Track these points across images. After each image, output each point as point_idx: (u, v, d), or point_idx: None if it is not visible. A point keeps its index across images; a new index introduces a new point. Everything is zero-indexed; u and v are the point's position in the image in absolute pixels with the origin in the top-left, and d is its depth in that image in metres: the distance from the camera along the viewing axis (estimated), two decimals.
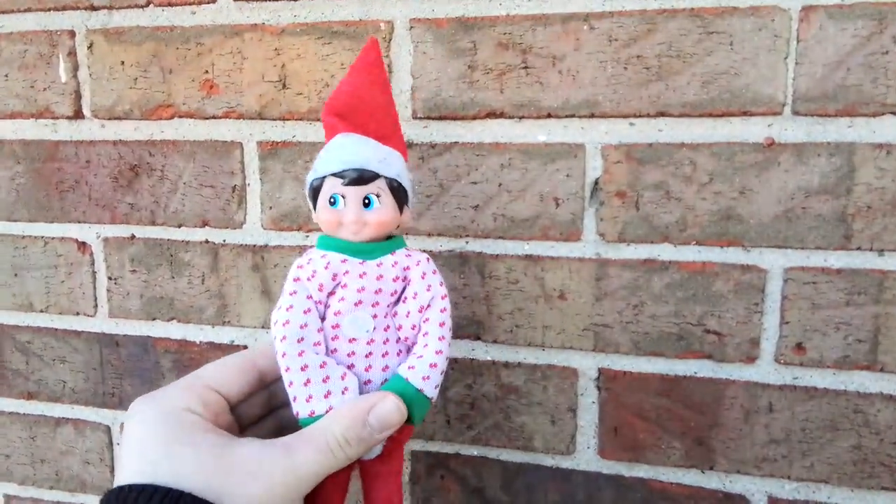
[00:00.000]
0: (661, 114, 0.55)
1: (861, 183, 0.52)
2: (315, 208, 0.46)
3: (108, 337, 0.71)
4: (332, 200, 0.44)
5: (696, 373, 0.57)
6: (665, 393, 0.58)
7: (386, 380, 0.44)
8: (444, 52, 0.58)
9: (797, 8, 0.52)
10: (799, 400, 0.56)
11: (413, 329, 0.45)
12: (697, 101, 0.54)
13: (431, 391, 0.43)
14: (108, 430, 0.73)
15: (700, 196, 0.55)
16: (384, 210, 0.44)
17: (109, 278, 0.70)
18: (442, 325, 0.45)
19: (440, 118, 0.59)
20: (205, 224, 0.66)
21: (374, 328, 0.44)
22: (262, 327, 0.66)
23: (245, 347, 0.67)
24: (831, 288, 0.54)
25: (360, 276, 0.44)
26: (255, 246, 0.65)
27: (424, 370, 0.43)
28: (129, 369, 0.71)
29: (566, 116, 0.57)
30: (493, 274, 0.60)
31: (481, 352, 0.61)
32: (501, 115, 0.58)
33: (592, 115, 0.56)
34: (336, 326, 0.43)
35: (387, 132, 0.47)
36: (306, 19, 0.61)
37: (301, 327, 0.42)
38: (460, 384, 0.62)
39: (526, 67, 0.57)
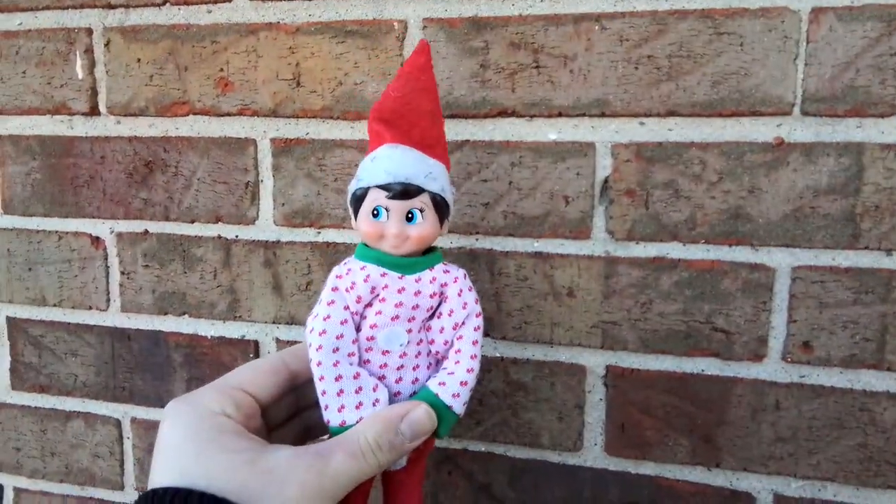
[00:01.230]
0: (672, 113, 0.55)
1: (869, 183, 0.53)
2: (356, 217, 0.45)
3: (120, 331, 0.72)
4: (375, 212, 0.44)
5: (703, 370, 0.58)
6: (672, 390, 0.59)
7: (415, 392, 0.45)
8: (457, 51, 0.59)
9: (807, 9, 0.52)
10: (806, 398, 0.56)
11: (445, 345, 0.46)
12: (707, 101, 0.55)
13: (460, 408, 0.44)
14: (118, 423, 0.73)
15: (709, 195, 0.56)
16: (426, 225, 0.44)
17: (122, 273, 0.70)
18: (475, 343, 0.45)
19: (452, 116, 0.59)
20: (218, 220, 0.67)
21: (408, 342, 0.44)
22: (273, 322, 0.67)
23: (256, 343, 0.68)
24: (839, 287, 0.54)
25: (399, 292, 0.44)
26: (267, 242, 0.66)
27: (455, 387, 0.44)
28: (141, 363, 0.71)
29: (577, 115, 0.57)
30: (503, 271, 0.60)
31: (490, 348, 0.62)
32: (513, 114, 0.58)
33: (603, 115, 0.57)
34: (371, 339, 0.44)
35: (432, 140, 0.46)
36: (320, 18, 0.62)
37: (337, 338, 0.43)
38: None
39: (537, 67, 0.57)
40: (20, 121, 0.71)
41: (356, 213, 0.45)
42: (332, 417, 0.42)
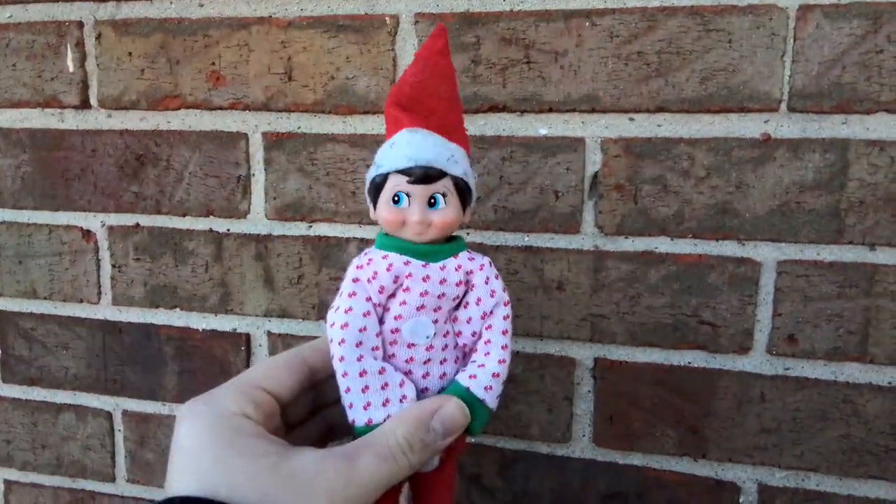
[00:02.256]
0: (661, 109, 0.56)
1: (854, 179, 0.54)
2: (375, 205, 0.44)
3: (112, 324, 0.72)
4: (395, 198, 0.42)
5: (690, 363, 0.59)
6: (660, 382, 0.59)
7: (443, 387, 0.42)
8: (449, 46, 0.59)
9: (794, 7, 0.53)
10: (790, 390, 0.57)
11: (473, 336, 0.43)
12: (696, 98, 0.55)
13: (493, 402, 0.42)
14: (109, 416, 0.73)
15: (697, 190, 0.56)
16: (449, 210, 0.42)
17: (113, 266, 0.71)
18: (504, 332, 0.43)
19: None
20: (209, 213, 0.67)
21: (434, 334, 0.42)
22: (265, 316, 0.67)
23: (247, 336, 0.68)
24: (823, 281, 0.55)
25: (424, 280, 0.42)
26: (258, 236, 0.66)
27: (486, 380, 0.42)
28: (132, 356, 0.72)
29: (567, 111, 0.58)
30: (493, 265, 0.61)
31: None
32: (504, 109, 0.59)
33: (593, 110, 0.57)
34: (396, 331, 0.41)
35: (451, 126, 0.45)
36: (312, 13, 0.62)
37: (360, 331, 0.40)
38: None
39: (528, 62, 0.58)
40: (10, 114, 0.71)
41: (375, 201, 0.44)
42: (357, 416, 0.40)
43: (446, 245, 0.44)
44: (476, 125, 0.60)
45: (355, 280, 0.42)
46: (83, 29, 0.67)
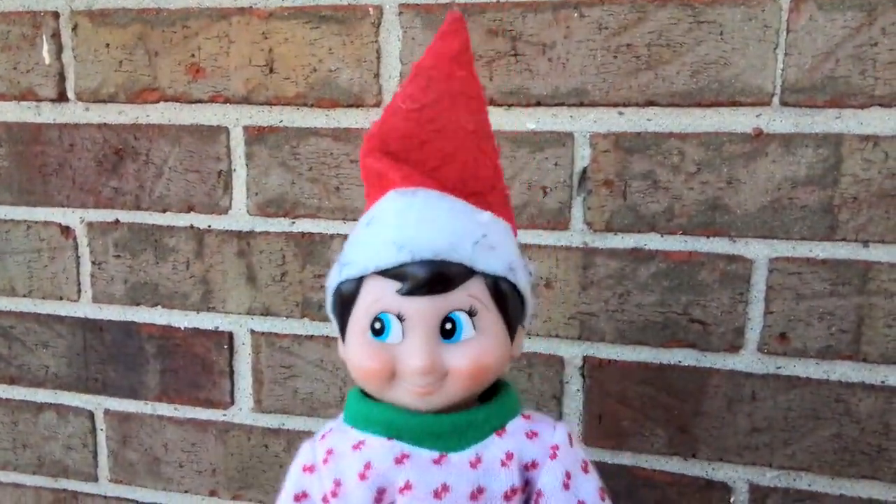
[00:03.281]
0: (651, 103, 0.55)
1: (847, 174, 0.53)
2: (343, 335, 0.27)
3: (92, 322, 0.70)
4: (377, 326, 0.26)
5: (680, 362, 0.58)
6: (649, 381, 0.58)
7: None
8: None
9: None
10: (782, 389, 0.56)
11: None
12: (686, 91, 0.54)
13: None
14: (90, 415, 0.72)
15: (687, 186, 0.55)
16: (485, 342, 0.25)
17: (93, 263, 0.69)
18: None
19: None
20: (190, 209, 0.65)
21: None
22: (248, 314, 0.66)
23: (230, 334, 0.67)
24: (816, 278, 0.54)
25: (437, 496, 0.24)
26: (240, 232, 0.65)
27: None
28: (113, 355, 0.70)
29: (555, 105, 0.56)
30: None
31: None
32: (490, 103, 0.57)
33: (581, 104, 0.56)
34: None
35: (482, 183, 0.28)
36: (294, 3, 0.60)
37: None
38: None
39: (515, 55, 0.56)
40: None
41: (343, 326, 0.28)
42: None
43: (480, 409, 0.27)
44: None
45: (300, 496, 0.25)
46: (59, 19, 0.65)
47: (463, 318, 0.25)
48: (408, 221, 0.25)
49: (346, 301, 0.26)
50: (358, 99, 0.60)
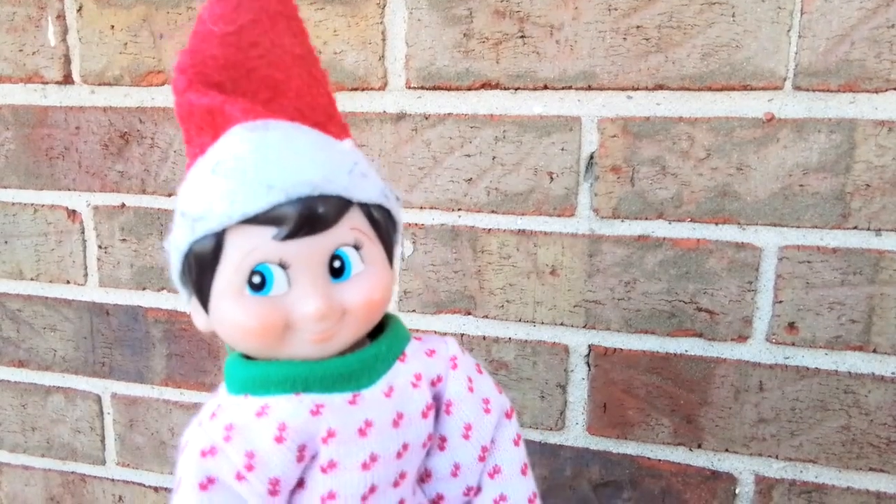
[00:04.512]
0: (660, 87, 0.54)
1: (861, 161, 0.51)
2: (203, 301, 0.24)
3: (99, 306, 0.70)
4: (256, 281, 0.23)
5: (686, 351, 0.57)
6: (655, 370, 0.58)
7: None
8: (440, 19, 0.57)
9: None
10: (789, 379, 0.55)
11: (468, 495, 0.26)
12: (697, 74, 0.53)
13: None
14: (98, 399, 0.72)
15: (697, 172, 0.54)
16: (375, 274, 0.24)
17: (100, 247, 0.69)
18: (524, 470, 0.27)
19: (434, 88, 0.58)
20: None
21: None
22: None
23: None
24: (826, 267, 0.53)
25: (362, 433, 0.23)
26: None
27: None
28: (120, 339, 0.70)
29: (563, 88, 0.55)
30: (486, 249, 0.59)
31: (472, 327, 0.61)
32: (497, 86, 0.57)
33: (589, 88, 0.55)
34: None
35: (321, 113, 0.26)
36: None
37: None
38: None
39: (523, 37, 0.55)
40: None
41: (200, 293, 0.25)
42: None
43: (379, 341, 0.25)
44: (468, 103, 0.57)
45: (205, 484, 0.22)
46: (64, 1, 0.65)
47: (350, 252, 0.23)
48: (269, 157, 0.22)
49: (203, 262, 0.24)
50: (363, 82, 0.59)
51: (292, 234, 0.23)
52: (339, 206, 0.23)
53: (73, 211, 0.69)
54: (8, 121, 0.69)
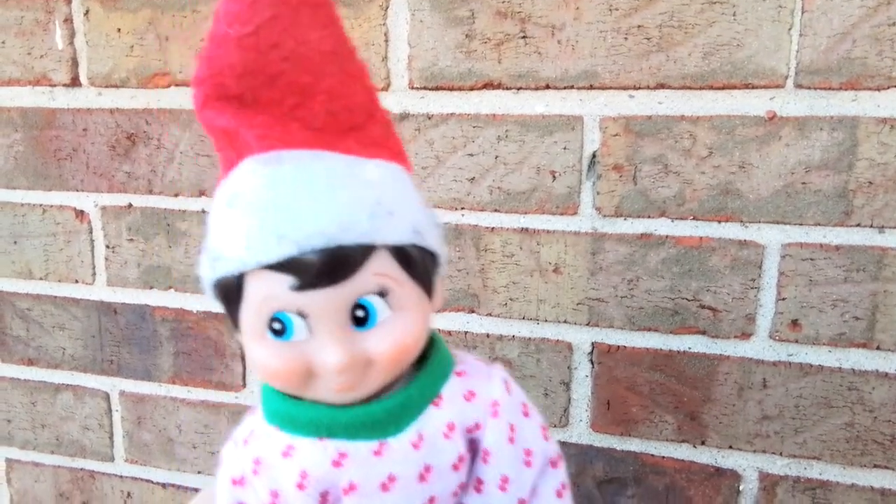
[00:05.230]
0: (662, 86, 0.54)
1: (863, 158, 0.51)
2: (235, 324, 0.24)
3: (107, 305, 0.71)
4: (276, 327, 0.22)
5: (690, 348, 0.57)
6: (658, 368, 0.58)
7: None
8: (442, 20, 0.57)
9: None
10: (793, 377, 0.55)
11: None
12: (698, 73, 0.53)
13: None
14: (106, 396, 0.73)
15: (699, 170, 0.54)
16: (404, 320, 0.22)
17: (107, 247, 0.70)
18: None
19: (437, 88, 0.58)
20: (202, 193, 0.66)
21: None
22: None
23: None
24: (829, 264, 0.53)
25: (384, 488, 0.22)
26: None
27: None
28: (127, 337, 0.71)
29: (565, 88, 0.56)
30: (489, 247, 0.59)
31: (476, 325, 0.61)
32: (499, 86, 0.57)
33: (591, 87, 0.55)
34: None
35: (358, 114, 0.23)
36: None
37: None
38: None
39: (525, 37, 0.56)
40: (1, 92, 0.70)
41: (234, 317, 0.24)
42: None
43: (413, 382, 0.23)
44: (470, 103, 0.58)
45: None
46: (71, 4, 0.66)
47: (374, 301, 0.21)
48: (280, 201, 0.20)
49: (228, 298, 0.23)
50: None
51: (308, 286, 0.21)
52: (360, 253, 0.21)
53: (81, 211, 0.70)
54: (17, 123, 0.70)
